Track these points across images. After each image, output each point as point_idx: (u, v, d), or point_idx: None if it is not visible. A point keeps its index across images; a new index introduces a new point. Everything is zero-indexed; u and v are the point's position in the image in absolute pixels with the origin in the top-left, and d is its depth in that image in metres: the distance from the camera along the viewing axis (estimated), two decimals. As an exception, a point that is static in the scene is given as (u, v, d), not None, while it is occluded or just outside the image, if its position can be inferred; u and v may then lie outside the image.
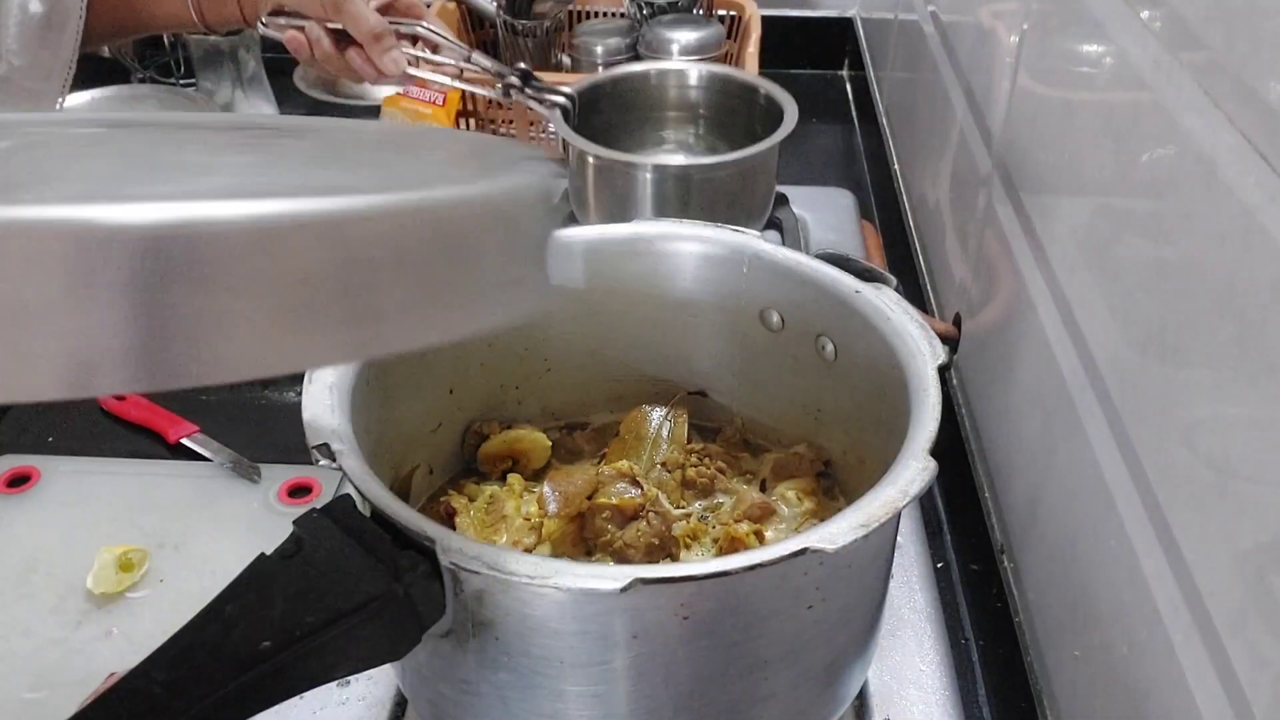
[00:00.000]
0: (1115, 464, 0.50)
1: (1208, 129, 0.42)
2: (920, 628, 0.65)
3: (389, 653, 0.43)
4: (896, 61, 1.18)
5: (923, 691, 0.61)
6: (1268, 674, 0.36)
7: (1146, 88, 0.49)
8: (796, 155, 0.90)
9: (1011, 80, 0.71)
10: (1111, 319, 0.52)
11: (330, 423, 0.48)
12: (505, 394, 0.65)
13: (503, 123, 1.23)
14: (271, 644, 0.39)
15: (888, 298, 0.55)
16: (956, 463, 0.76)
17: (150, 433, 0.82)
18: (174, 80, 1.34)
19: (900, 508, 0.43)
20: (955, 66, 0.89)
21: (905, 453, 0.46)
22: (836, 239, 1.02)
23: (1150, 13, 0.49)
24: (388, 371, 0.55)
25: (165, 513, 0.74)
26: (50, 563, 0.70)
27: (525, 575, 0.40)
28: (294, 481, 0.77)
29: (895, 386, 0.52)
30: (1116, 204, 0.52)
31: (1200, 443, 0.42)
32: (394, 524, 0.43)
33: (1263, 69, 0.38)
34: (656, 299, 0.63)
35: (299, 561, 0.42)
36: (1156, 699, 0.45)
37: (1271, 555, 0.36)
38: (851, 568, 0.47)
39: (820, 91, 1.46)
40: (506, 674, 0.45)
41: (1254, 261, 0.38)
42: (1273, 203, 0.37)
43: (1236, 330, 0.39)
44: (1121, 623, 0.49)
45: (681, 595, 0.42)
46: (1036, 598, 0.62)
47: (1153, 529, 0.46)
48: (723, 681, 0.46)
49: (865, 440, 0.59)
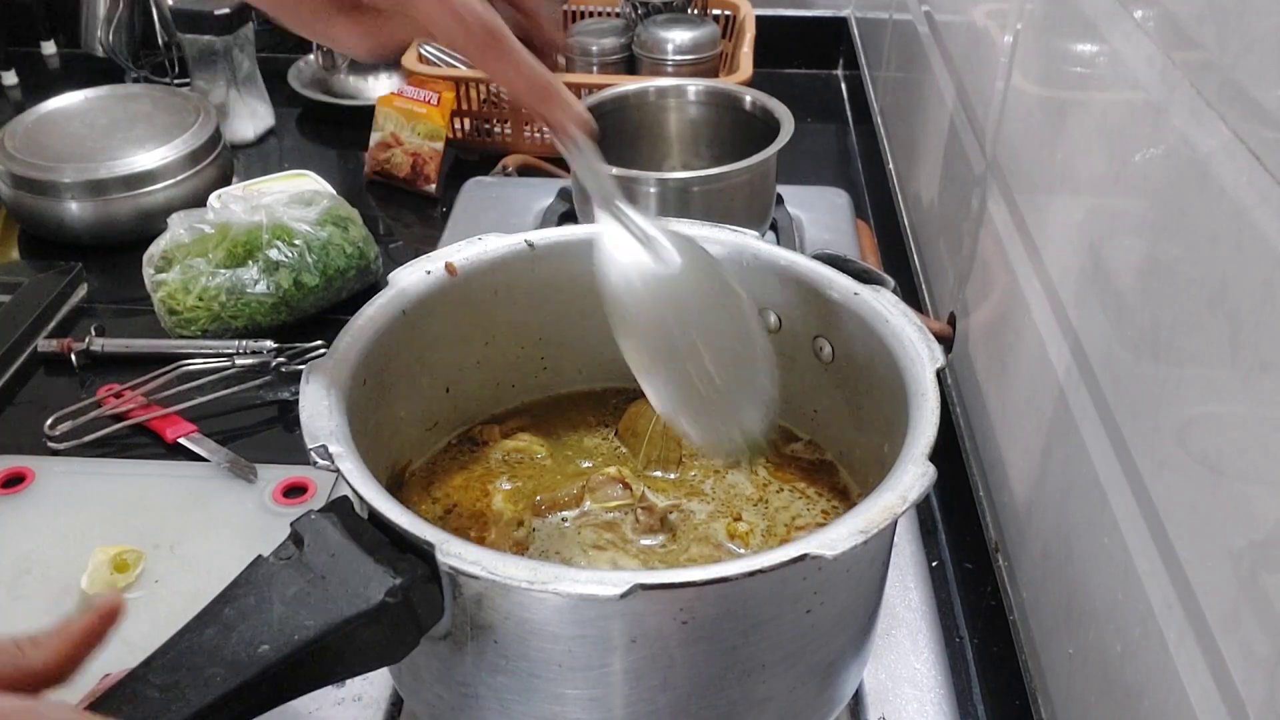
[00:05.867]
0: (1109, 462, 0.50)
1: (1201, 129, 0.42)
2: (915, 626, 0.65)
3: (387, 656, 0.43)
4: (891, 61, 1.18)
5: (918, 690, 0.61)
6: (1261, 671, 0.36)
7: (1140, 88, 0.49)
8: (791, 155, 0.90)
9: (1005, 80, 0.71)
10: (1105, 318, 0.52)
11: (327, 424, 0.47)
12: (502, 393, 0.65)
13: (497, 121, 1.23)
14: (270, 648, 0.39)
15: (886, 300, 0.55)
16: (951, 461, 0.76)
17: (147, 432, 0.82)
18: (168, 80, 1.34)
19: (899, 514, 0.43)
20: (949, 66, 0.89)
21: (904, 458, 0.46)
22: (831, 239, 1.02)
23: (1143, 13, 0.49)
24: (384, 371, 0.55)
25: (160, 513, 0.74)
26: (44, 564, 0.70)
27: (524, 580, 0.40)
28: (290, 481, 0.77)
29: (893, 389, 0.52)
30: (1110, 204, 0.53)
31: (1193, 441, 0.42)
32: (392, 527, 0.43)
33: (1255, 69, 0.39)
34: (653, 299, 0.63)
35: (297, 564, 0.42)
36: (1150, 697, 0.45)
37: (1264, 553, 0.37)
38: (850, 572, 0.47)
39: (815, 91, 1.46)
40: (505, 677, 0.45)
41: (1246, 261, 0.38)
42: (1265, 202, 0.37)
43: (1229, 329, 0.40)
44: (1115, 621, 0.49)
45: (681, 600, 0.42)
46: (1031, 596, 0.62)
47: (1146, 527, 0.46)
48: (720, 684, 0.46)
49: (862, 442, 0.59)
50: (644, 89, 0.99)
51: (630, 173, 0.86)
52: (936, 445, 0.46)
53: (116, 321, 0.96)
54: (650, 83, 1.00)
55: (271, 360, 0.87)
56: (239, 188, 1.05)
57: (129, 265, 0.96)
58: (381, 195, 1.19)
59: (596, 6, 1.34)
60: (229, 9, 1.21)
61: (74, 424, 0.82)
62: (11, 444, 0.81)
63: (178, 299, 0.91)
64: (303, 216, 0.95)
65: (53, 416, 0.82)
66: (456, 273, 0.59)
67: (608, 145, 0.96)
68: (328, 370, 0.51)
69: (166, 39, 1.35)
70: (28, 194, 1.06)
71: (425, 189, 1.17)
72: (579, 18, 1.33)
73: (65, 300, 0.98)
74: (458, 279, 0.59)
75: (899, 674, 0.62)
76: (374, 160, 1.19)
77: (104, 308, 1.00)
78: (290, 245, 0.93)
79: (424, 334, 0.58)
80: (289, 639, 0.39)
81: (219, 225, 0.93)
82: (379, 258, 0.99)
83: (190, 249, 0.92)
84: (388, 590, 0.41)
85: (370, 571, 0.41)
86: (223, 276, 0.91)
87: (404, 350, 0.57)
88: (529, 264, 0.61)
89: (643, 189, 0.86)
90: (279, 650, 0.39)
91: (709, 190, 0.87)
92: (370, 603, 0.41)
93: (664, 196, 0.86)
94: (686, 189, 0.87)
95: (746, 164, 0.87)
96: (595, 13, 1.34)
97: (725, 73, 1.26)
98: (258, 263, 0.91)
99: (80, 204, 1.05)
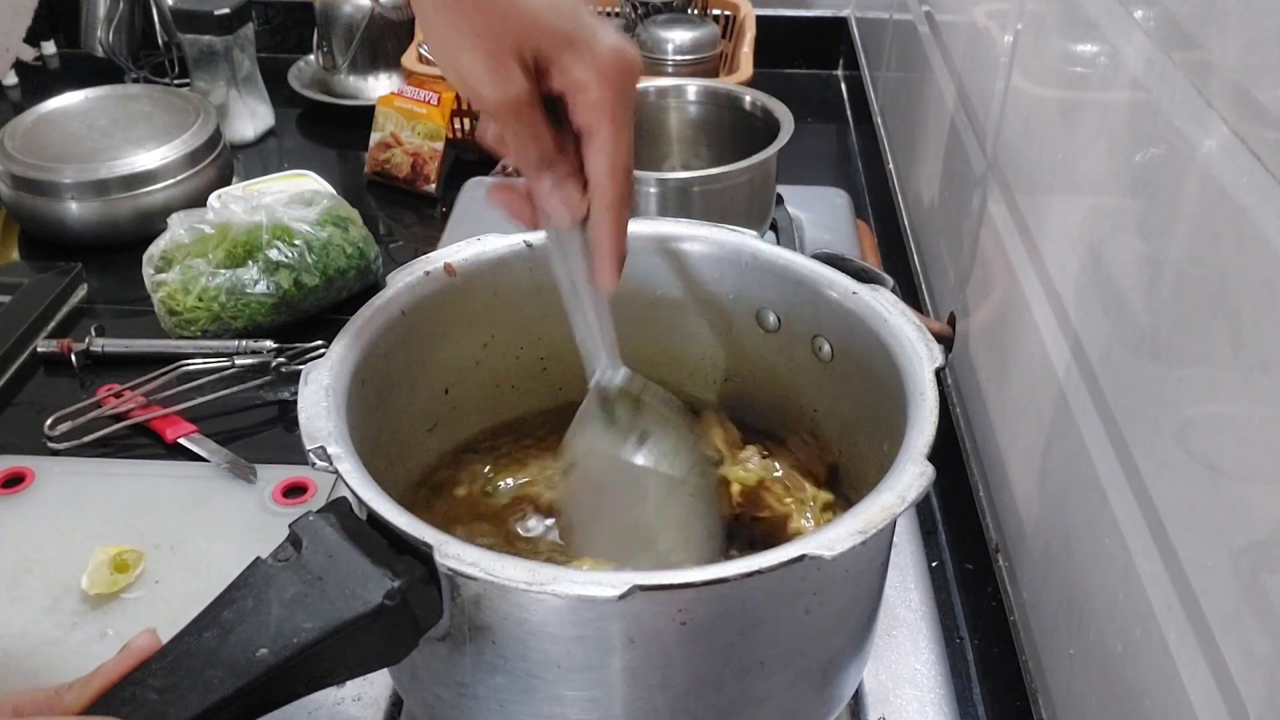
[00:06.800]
0: (1109, 462, 0.50)
1: (1201, 128, 0.42)
2: (915, 626, 0.65)
3: (386, 657, 0.43)
4: (891, 61, 1.18)
5: (918, 690, 0.61)
6: (1261, 672, 0.36)
7: (1140, 87, 0.49)
8: (791, 155, 0.90)
9: (1006, 80, 0.71)
10: (1105, 318, 0.52)
11: (326, 424, 0.47)
12: (501, 393, 0.65)
13: (497, 122, 1.23)
14: (269, 650, 0.39)
15: (885, 299, 0.55)
16: (951, 461, 0.76)
17: (147, 432, 0.82)
18: (168, 80, 1.34)
19: (898, 514, 0.43)
20: (950, 66, 0.89)
21: (903, 457, 0.46)
22: (831, 238, 1.02)
23: (1144, 12, 0.49)
24: (383, 371, 0.55)
25: (160, 513, 0.74)
26: (45, 564, 0.70)
27: (523, 581, 0.40)
28: (289, 481, 0.77)
29: (892, 389, 0.52)
30: (1110, 203, 0.53)
31: (1194, 441, 0.42)
32: (390, 528, 0.43)
33: (1256, 69, 0.39)
34: (652, 298, 0.63)
35: (296, 565, 0.42)
36: (1151, 697, 0.45)
37: (1264, 553, 0.37)
38: (849, 573, 0.47)
39: (815, 91, 1.46)
40: (503, 677, 0.45)
41: (1247, 261, 0.38)
42: (1265, 202, 0.37)
43: (1230, 329, 0.39)
44: (1116, 621, 0.49)
45: (679, 601, 0.42)
46: (1031, 596, 0.62)
47: (1147, 527, 0.46)
48: (719, 684, 0.46)
49: (861, 441, 0.59)
50: (644, 89, 0.99)
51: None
52: (936, 445, 0.46)
53: (116, 321, 0.96)
54: (650, 83, 1.00)
55: (271, 360, 0.87)
56: (239, 188, 1.04)
57: (129, 265, 0.96)
58: (381, 195, 1.19)
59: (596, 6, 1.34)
60: (229, 9, 1.21)
61: (74, 424, 0.82)
62: (11, 444, 0.81)
63: (178, 299, 0.91)
64: (303, 216, 0.94)
65: (53, 416, 0.82)
66: (456, 273, 0.59)
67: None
68: (327, 371, 0.51)
69: (166, 39, 1.35)
70: (28, 194, 1.06)
71: (425, 189, 1.17)
72: (579, 17, 1.33)
73: (65, 300, 0.98)
74: (457, 279, 0.59)
75: (899, 674, 0.62)
76: (374, 160, 1.19)
77: (104, 308, 1.00)
78: (290, 245, 0.93)
79: (423, 335, 0.58)
80: (288, 641, 0.39)
81: (219, 225, 0.93)
82: (379, 258, 0.99)
83: (190, 249, 0.92)
84: (386, 592, 0.41)
85: (368, 573, 0.41)
86: (223, 277, 0.91)
87: (403, 351, 0.57)
88: (529, 264, 0.61)
89: (643, 189, 0.86)
90: (278, 652, 0.39)
91: (709, 190, 0.87)
92: (369, 604, 0.41)
93: (664, 196, 0.86)
94: (686, 189, 0.87)
95: (746, 164, 0.87)
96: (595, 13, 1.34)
97: (725, 73, 1.26)
98: (258, 263, 0.91)
99: (80, 204, 1.05)
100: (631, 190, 0.46)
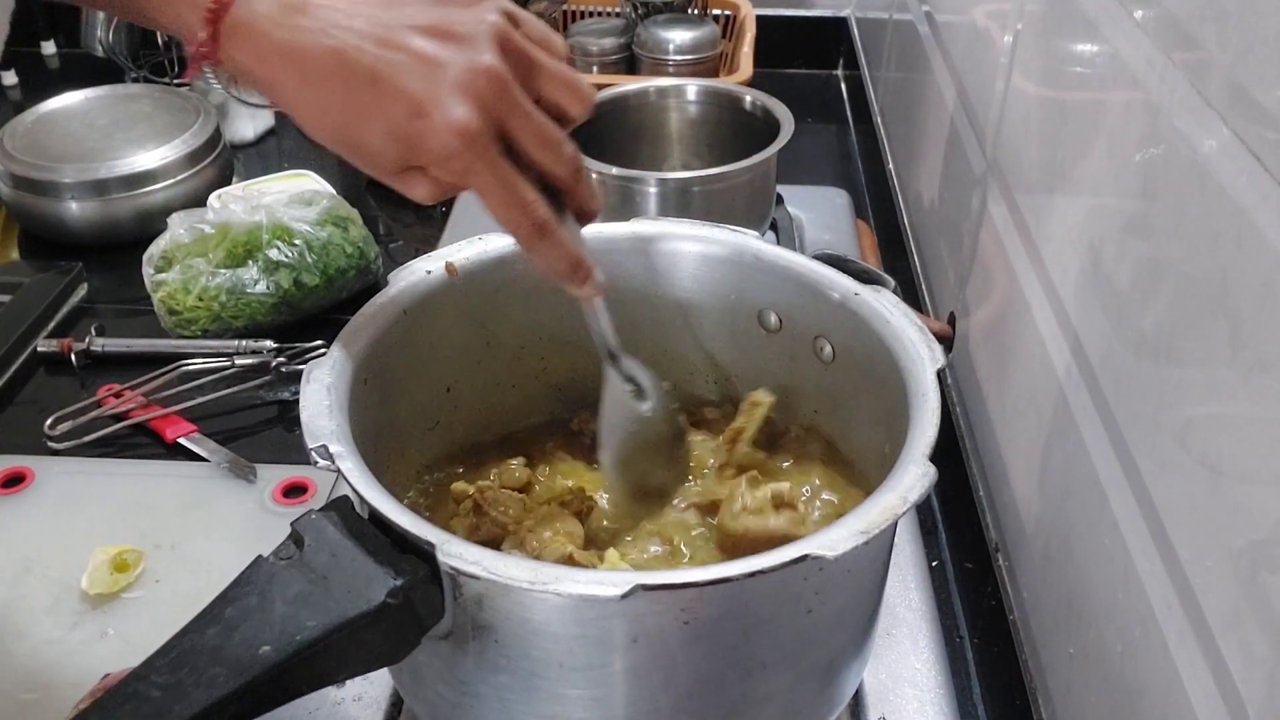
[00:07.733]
0: (1109, 462, 0.50)
1: (1201, 129, 0.42)
2: (915, 626, 0.65)
3: (388, 656, 0.43)
4: (891, 61, 1.18)
5: (918, 690, 0.61)
6: (1261, 671, 0.37)
7: (1140, 88, 0.49)
8: (791, 155, 0.90)
9: (1006, 80, 0.71)
10: (1105, 318, 0.52)
11: (328, 423, 0.47)
12: (502, 392, 0.65)
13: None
14: (271, 648, 0.39)
15: (887, 300, 0.55)
16: (951, 461, 0.76)
17: (147, 432, 0.82)
18: (168, 80, 1.33)
19: (900, 514, 0.43)
20: (950, 66, 0.89)
21: (905, 458, 0.46)
22: (832, 238, 1.02)
23: (1143, 13, 0.49)
24: (385, 370, 0.55)
25: (160, 513, 0.74)
26: (45, 563, 0.70)
27: (525, 580, 0.40)
28: (290, 481, 0.77)
29: (894, 389, 0.52)
30: (1110, 204, 0.53)
31: (1193, 441, 0.43)
32: (393, 527, 0.43)
33: (1255, 69, 0.39)
34: (654, 298, 0.63)
35: (298, 564, 0.42)
36: (1151, 697, 0.45)
37: (1264, 553, 0.37)
38: (850, 572, 0.47)
39: (815, 91, 1.46)
40: (505, 676, 0.45)
41: (1246, 261, 0.38)
42: (1265, 202, 0.37)
43: (1229, 329, 0.40)
44: (1115, 621, 0.49)
45: (682, 601, 0.42)
46: (1031, 596, 0.62)
47: (1146, 527, 0.46)
48: (721, 684, 0.46)
49: (862, 442, 0.59)
50: (644, 89, 0.99)
51: (630, 173, 0.86)
52: (937, 445, 0.47)
53: (116, 321, 0.96)
54: (650, 83, 1.00)
55: (271, 360, 0.87)
56: (239, 188, 1.04)
57: (129, 265, 0.96)
58: (381, 195, 1.19)
59: (596, 6, 1.34)
60: (229, 9, 1.21)
61: (74, 424, 0.82)
62: (11, 444, 0.81)
63: (178, 299, 0.91)
64: (303, 216, 0.95)
65: (53, 416, 0.82)
66: (457, 273, 0.59)
67: (608, 145, 0.96)
68: (328, 370, 0.51)
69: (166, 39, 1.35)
70: (28, 194, 1.06)
71: (425, 189, 1.17)
72: (579, 18, 1.33)
73: (65, 300, 0.98)
74: (458, 279, 0.59)
75: (899, 674, 0.62)
76: (374, 160, 1.19)
77: (104, 308, 1.00)
78: (290, 245, 0.93)
79: (424, 334, 0.58)
80: (290, 639, 0.39)
81: (219, 225, 0.93)
82: (379, 258, 0.99)
83: (190, 249, 0.92)
84: (389, 591, 0.41)
85: (371, 572, 0.41)
86: (223, 276, 0.91)
87: (404, 350, 0.57)
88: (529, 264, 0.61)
89: (643, 189, 0.86)
90: (280, 650, 0.39)
91: (709, 190, 0.87)
92: (371, 603, 0.41)
93: (664, 196, 0.86)
94: (686, 189, 0.87)
95: (746, 164, 0.87)
96: (595, 13, 1.34)
97: (725, 73, 1.26)
98: (258, 263, 0.91)
99: (80, 204, 1.05)
100: (538, 214, 0.48)
